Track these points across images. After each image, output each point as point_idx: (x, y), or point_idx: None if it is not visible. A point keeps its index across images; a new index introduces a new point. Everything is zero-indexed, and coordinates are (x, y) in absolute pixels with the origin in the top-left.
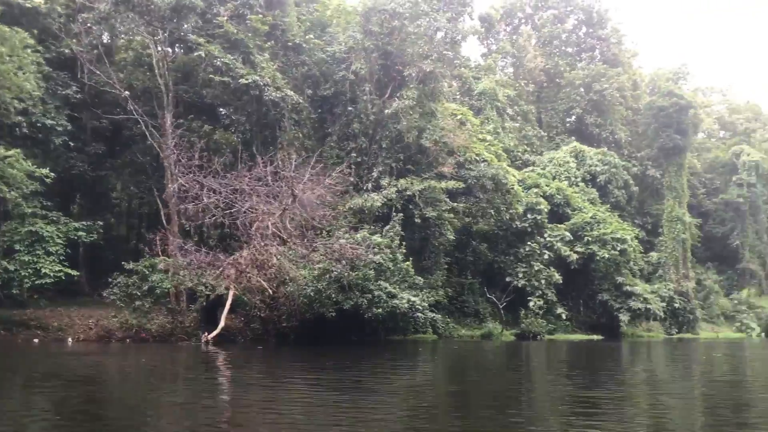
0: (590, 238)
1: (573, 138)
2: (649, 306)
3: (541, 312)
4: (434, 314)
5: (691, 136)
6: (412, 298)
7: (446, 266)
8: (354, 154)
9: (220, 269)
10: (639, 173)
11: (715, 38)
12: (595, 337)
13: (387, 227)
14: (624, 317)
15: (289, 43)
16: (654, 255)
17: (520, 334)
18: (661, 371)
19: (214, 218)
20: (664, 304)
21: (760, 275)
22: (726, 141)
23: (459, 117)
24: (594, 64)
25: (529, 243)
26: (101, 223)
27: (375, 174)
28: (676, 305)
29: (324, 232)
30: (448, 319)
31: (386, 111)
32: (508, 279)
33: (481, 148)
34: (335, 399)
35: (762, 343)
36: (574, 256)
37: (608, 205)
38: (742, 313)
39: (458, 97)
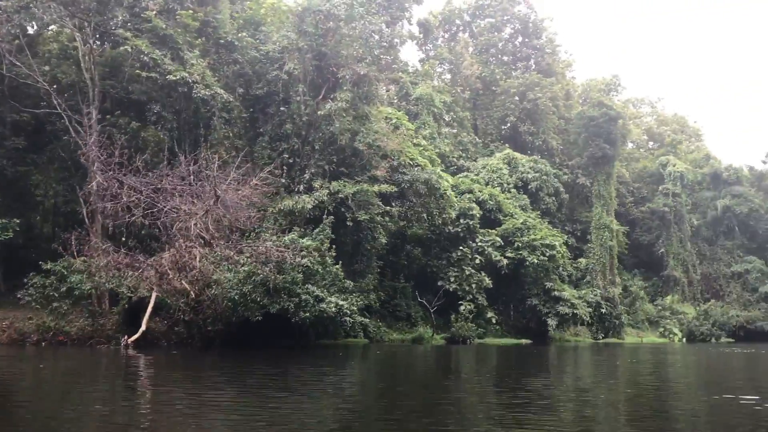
0: (520, 244)
1: (507, 145)
2: (576, 311)
3: (471, 316)
4: (363, 318)
5: (620, 146)
6: (340, 302)
7: (379, 270)
8: (286, 155)
9: (140, 270)
10: (570, 181)
11: (649, 43)
12: (523, 341)
13: (317, 230)
14: (552, 322)
15: (221, 41)
16: (583, 261)
17: (450, 338)
18: (587, 375)
19: (134, 218)
20: (590, 310)
21: (683, 282)
22: (654, 152)
23: (394, 121)
24: (529, 74)
25: (461, 247)
26: (18, 220)
27: (307, 176)
28: (603, 310)
29: (252, 234)
30: (380, 323)
31: (319, 112)
32: (440, 283)
33: (415, 152)
34: (255, 404)
35: (683, 348)
36: (505, 261)
37: (539, 212)
38: (666, 319)
39: (395, 101)
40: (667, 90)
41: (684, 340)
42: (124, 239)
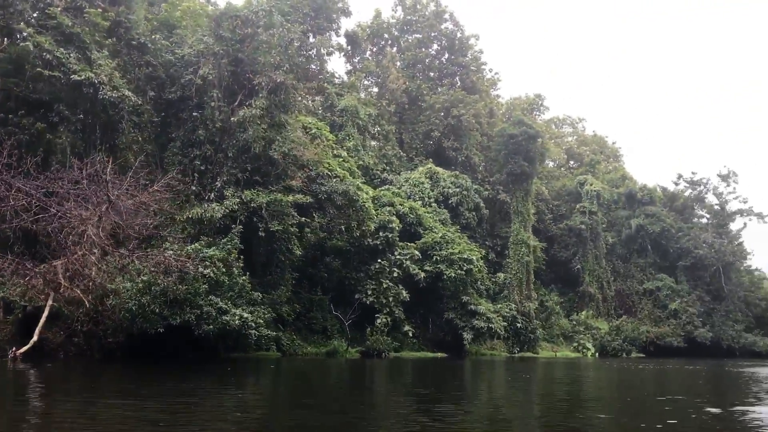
0: (439, 258)
1: (431, 160)
2: (491, 325)
3: (387, 329)
4: (270, 332)
5: (538, 164)
6: (245, 315)
7: (294, 281)
8: (198, 162)
9: (27, 278)
10: (491, 197)
11: (577, 64)
12: (439, 354)
13: (225, 240)
14: (468, 335)
15: (133, 42)
16: (501, 276)
17: (365, 352)
18: (498, 389)
19: (21, 222)
20: (506, 324)
21: (597, 298)
22: (574, 171)
23: (313, 131)
24: (454, 90)
25: (379, 260)
26: None
27: (219, 184)
28: (519, 325)
29: (157, 242)
30: (294, 336)
31: (233, 119)
32: (357, 296)
33: (334, 163)
34: (148, 422)
35: (595, 362)
36: (422, 275)
37: (458, 226)
38: (580, 334)
39: (320, 111)
40: (595, 109)
41: (596, 354)
42: (10, 245)
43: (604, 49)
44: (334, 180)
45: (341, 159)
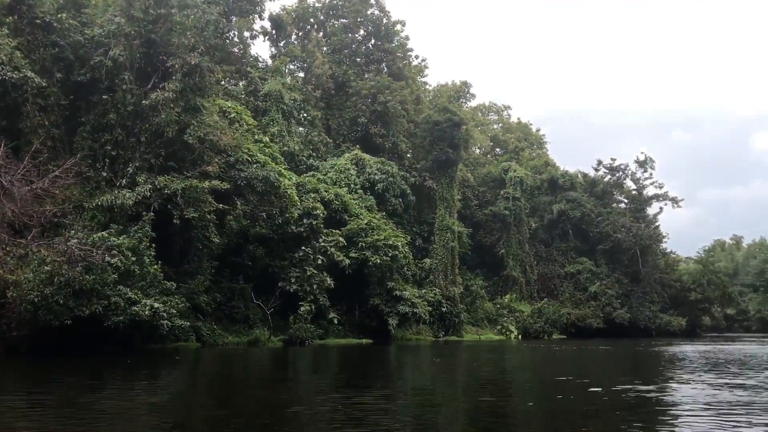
0: (364, 244)
1: (358, 146)
2: (416, 310)
3: (310, 317)
4: (184, 322)
5: (462, 150)
6: (156, 305)
7: (213, 270)
8: (108, 147)
9: None
10: (417, 183)
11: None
12: (364, 341)
13: (135, 227)
14: (393, 321)
15: (37, 21)
16: (427, 261)
17: (288, 340)
18: (422, 373)
19: None
20: (431, 309)
21: (521, 282)
22: (499, 158)
23: (233, 115)
24: (381, 76)
25: (303, 248)
26: None
27: (130, 169)
28: (444, 309)
29: (64, 230)
30: (215, 326)
31: (144, 102)
32: (280, 284)
33: (255, 149)
34: (52, 420)
35: (515, 344)
36: (347, 262)
37: (385, 213)
38: (503, 317)
39: (243, 96)
40: (521, 97)
41: (519, 337)
42: None
43: (531, 38)
44: (255, 166)
45: (262, 144)
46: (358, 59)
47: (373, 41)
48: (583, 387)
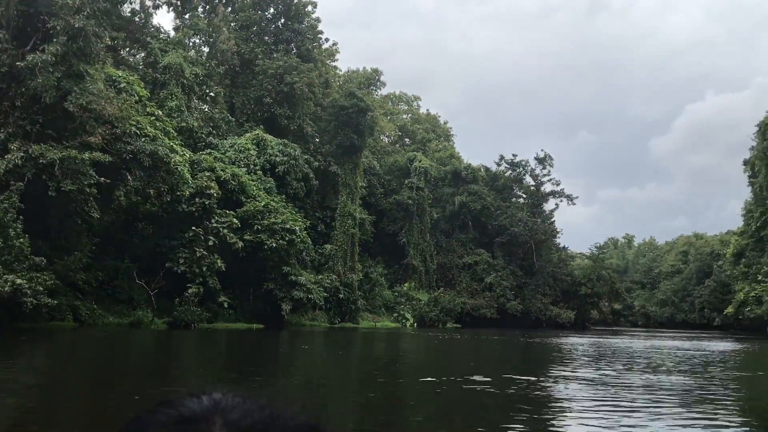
0: (260, 227)
1: (262, 127)
2: (311, 296)
3: (195, 300)
4: (51, 300)
5: (367, 137)
6: (18, 281)
7: (94, 247)
8: None
9: None
10: (322, 168)
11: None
12: (255, 326)
13: (2, 197)
14: (287, 306)
15: None
16: (328, 247)
17: (172, 323)
18: (309, 358)
19: None
20: (327, 295)
21: (421, 270)
22: (407, 148)
23: (123, 85)
24: (289, 57)
25: (194, 228)
26: None
27: (2, 135)
28: (341, 296)
29: None
30: (95, 306)
31: (19, 63)
32: (168, 264)
33: (144, 121)
34: None
35: (412, 331)
36: (240, 244)
37: (285, 196)
38: (401, 305)
39: (141, 67)
40: (432, 89)
41: (415, 324)
42: None
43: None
44: (143, 139)
45: (153, 117)
46: (267, 38)
47: (282, 20)
48: (418, 376)
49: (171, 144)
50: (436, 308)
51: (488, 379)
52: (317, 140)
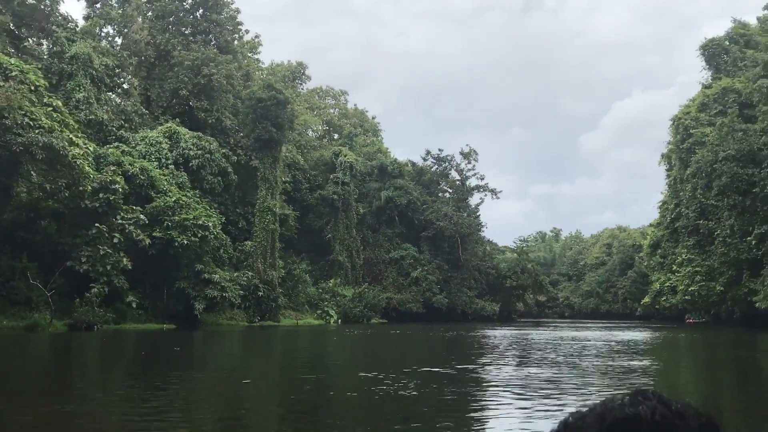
0: (171, 223)
1: (177, 120)
2: (225, 294)
3: (98, 300)
4: None
5: (287, 130)
6: None
7: None
8: None
9: None
10: (243, 162)
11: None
12: (165, 326)
13: None
14: (200, 305)
15: None
16: (248, 244)
17: (73, 325)
18: (216, 359)
19: None
20: (243, 293)
21: (346, 266)
22: (334, 142)
23: (15, 73)
24: (207, 48)
25: (97, 225)
26: None
27: None
28: (260, 293)
29: None
30: None
31: None
32: (69, 263)
33: (40, 112)
34: None
35: (336, 328)
36: (147, 241)
37: (200, 191)
38: (325, 302)
39: (46, 57)
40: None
41: (339, 321)
42: None
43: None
44: (37, 131)
45: (50, 108)
46: (184, 29)
47: (201, 11)
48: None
49: (71, 137)
50: (360, 304)
51: (369, 375)
52: (239, 134)
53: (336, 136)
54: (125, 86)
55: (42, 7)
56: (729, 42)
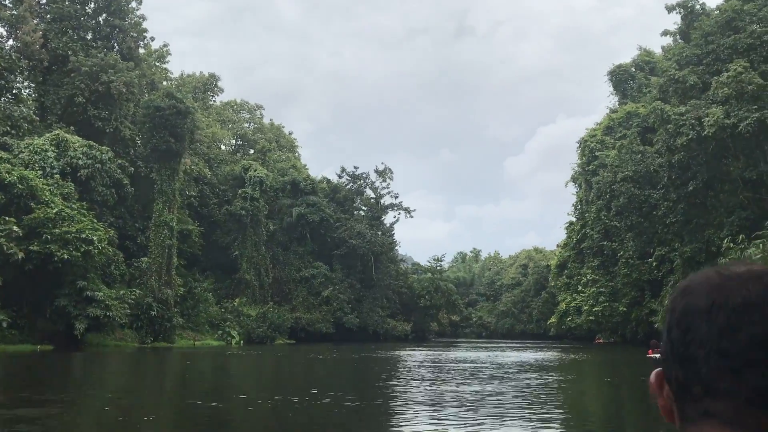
0: (50, 237)
1: (73, 128)
2: (109, 313)
3: None
4: None
5: (188, 142)
6: None
7: None
8: None
9: None
10: (143, 174)
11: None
12: (39, 347)
13: None
14: (80, 325)
15: None
16: (145, 260)
17: None
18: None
19: None
20: (136, 312)
21: (254, 285)
22: (248, 156)
23: None
24: (107, 54)
25: None
26: None
27: None
28: (153, 313)
29: None
30: None
31: None
32: None
33: None
34: None
35: (236, 350)
36: (20, 255)
37: (90, 203)
38: (227, 322)
39: None
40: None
41: (241, 342)
42: None
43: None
44: None
45: None
46: (85, 34)
47: (104, 15)
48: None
49: None
50: (264, 324)
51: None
52: (134, 143)
53: (252, 152)
54: (14, 91)
55: None
56: (635, 69)
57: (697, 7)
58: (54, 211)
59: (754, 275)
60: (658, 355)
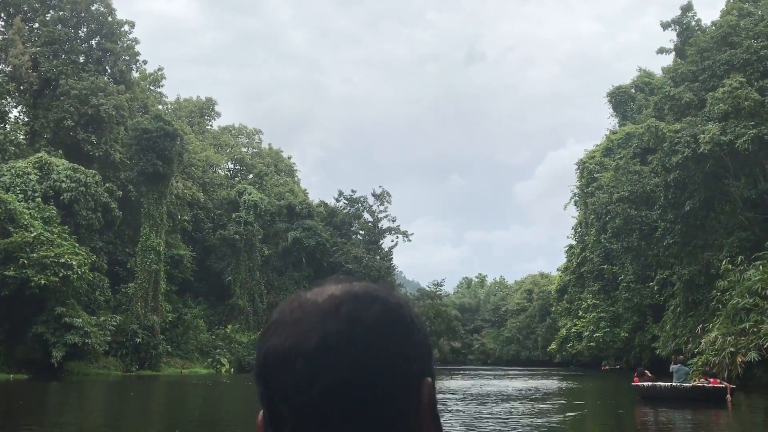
0: (27, 261)
1: (61, 151)
2: (88, 341)
3: None
4: None
5: (176, 165)
6: None
7: None
8: None
9: None
10: (133, 198)
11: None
12: (13, 376)
13: None
14: (58, 353)
15: None
16: (131, 285)
17: None
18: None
19: None
20: (113, 338)
21: (248, 311)
22: (245, 181)
23: None
24: (98, 78)
25: None
26: None
27: None
28: (139, 340)
29: None
30: None
31: None
32: None
33: None
34: None
35: (228, 378)
36: None
37: (74, 227)
38: (218, 349)
39: None
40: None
41: (232, 370)
42: None
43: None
44: None
45: None
46: (75, 57)
47: (97, 39)
48: None
49: None
50: (254, 351)
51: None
52: (123, 166)
53: (251, 176)
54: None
55: None
56: (635, 90)
57: (693, 23)
58: (32, 235)
59: (333, 306)
60: (644, 383)
